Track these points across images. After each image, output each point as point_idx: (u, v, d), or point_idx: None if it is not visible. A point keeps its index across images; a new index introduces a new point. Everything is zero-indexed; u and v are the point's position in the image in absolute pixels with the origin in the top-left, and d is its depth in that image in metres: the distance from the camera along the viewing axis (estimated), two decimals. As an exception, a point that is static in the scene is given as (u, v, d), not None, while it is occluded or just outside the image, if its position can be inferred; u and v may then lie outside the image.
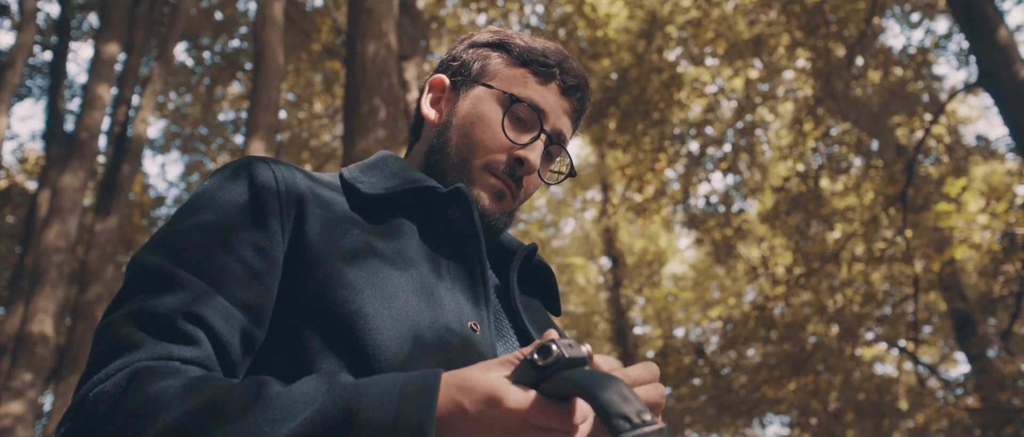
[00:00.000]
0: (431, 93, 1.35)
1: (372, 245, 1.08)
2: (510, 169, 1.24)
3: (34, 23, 11.49)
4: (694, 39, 12.83)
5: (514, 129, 1.26)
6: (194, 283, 0.96)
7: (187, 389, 0.85)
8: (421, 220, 1.18)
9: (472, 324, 1.06)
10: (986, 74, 8.13)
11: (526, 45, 1.31)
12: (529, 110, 1.26)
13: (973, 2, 8.29)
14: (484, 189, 1.24)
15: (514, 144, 1.25)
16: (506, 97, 1.26)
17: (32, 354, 8.87)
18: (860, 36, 11.54)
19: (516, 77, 1.29)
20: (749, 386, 11.76)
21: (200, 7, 15.81)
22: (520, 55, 1.30)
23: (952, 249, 8.28)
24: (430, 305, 1.04)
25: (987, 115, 18.94)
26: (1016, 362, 10.62)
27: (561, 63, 1.31)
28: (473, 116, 1.26)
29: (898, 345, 13.04)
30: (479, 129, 1.25)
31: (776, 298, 11.13)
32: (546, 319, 1.29)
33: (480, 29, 1.39)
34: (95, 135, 10.56)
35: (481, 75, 1.30)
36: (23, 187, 15.21)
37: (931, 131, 11.69)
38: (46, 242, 9.55)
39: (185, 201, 1.12)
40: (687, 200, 14.03)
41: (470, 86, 1.30)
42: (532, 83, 1.28)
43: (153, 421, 0.83)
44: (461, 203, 1.17)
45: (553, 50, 1.32)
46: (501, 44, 1.33)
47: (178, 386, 0.85)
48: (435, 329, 1.02)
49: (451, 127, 1.28)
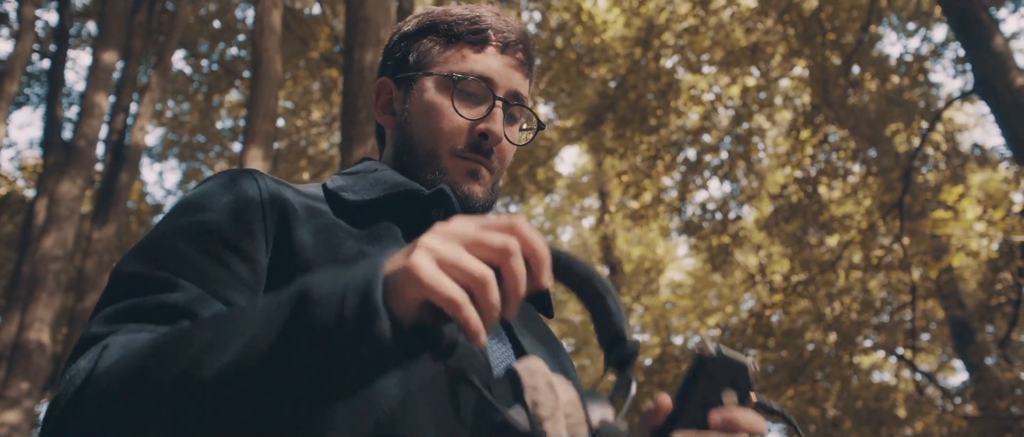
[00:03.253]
0: (380, 98, 1.35)
1: (363, 251, 1.08)
2: (476, 146, 1.24)
3: (32, 31, 11.50)
4: (691, 46, 12.85)
5: (467, 106, 1.25)
6: (181, 284, 0.95)
7: (161, 332, 0.85)
8: (406, 224, 1.18)
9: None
10: (982, 82, 8.16)
11: (453, 18, 1.29)
12: (476, 82, 1.25)
13: (969, 10, 8.32)
14: (458, 175, 1.23)
15: (472, 121, 1.24)
16: (448, 79, 1.25)
17: (28, 363, 8.85)
18: (857, 44, 11.56)
19: (453, 55, 1.28)
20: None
21: (198, 15, 15.84)
22: (449, 32, 1.29)
23: (949, 257, 8.28)
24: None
25: (984, 123, 18.95)
26: (1014, 370, 10.61)
27: (492, 23, 1.29)
28: (425, 108, 1.26)
29: (896, 353, 13.03)
30: (434, 119, 1.24)
31: (774, 305, 11.12)
32: (536, 319, 1.28)
33: (407, 18, 1.38)
34: (93, 143, 10.55)
35: (420, 65, 1.29)
36: (21, 195, 15.19)
37: (928, 139, 11.71)
38: (43, 250, 9.53)
39: (166, 211, 1.11)
40: (684, 207, 14.03)
41: (413, 80, 1.29)
42: (470, 55, 1.27)
43: (124, 358, 0.83)
44: (444, 204, 1.18)
45: (481, 13, 1.30)
46: (429, 27, 1.31)
47: (150, 333, 0.86)
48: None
49: (409, 125, 1.27)
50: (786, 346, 11.19)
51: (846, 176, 12.59)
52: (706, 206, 14.02)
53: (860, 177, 12.59)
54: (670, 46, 13.07)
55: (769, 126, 14.53)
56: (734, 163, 13.39)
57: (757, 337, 11.26)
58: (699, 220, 13.71)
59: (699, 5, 12.29)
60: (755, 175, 14.03)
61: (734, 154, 13.40)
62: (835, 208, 12.59)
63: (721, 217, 13.32)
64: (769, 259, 14.54)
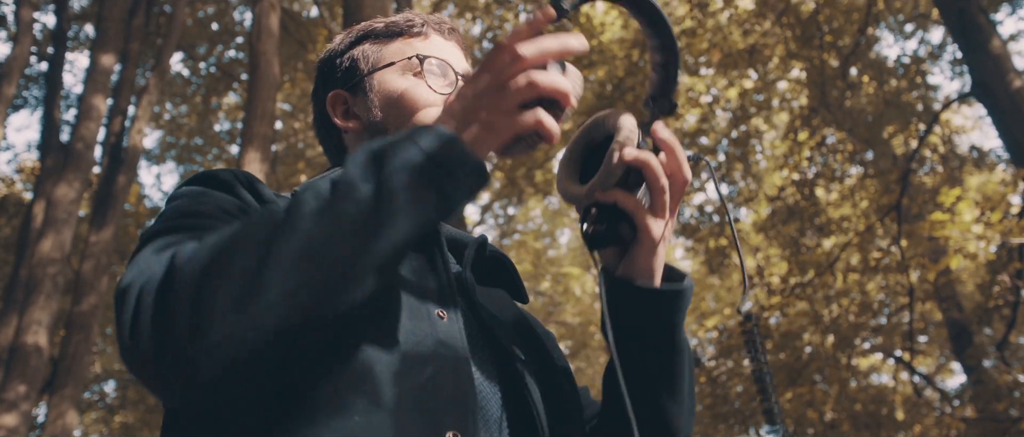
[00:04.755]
0: (337, 109, 1.32)
1: None
2: None
3: (30, 34, 11.50)
4: (689, 49, 12.86)
5: (437, 84, 1.26)
6: (215, 224, 0.96)
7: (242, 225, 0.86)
8: None
9: (439, 312, 1.04)
10: (980, 84, 8.17)
11: (386, 22, 1.32)
12: (437, 62, 1.27)
13: (966, 13, 8.33)
14: None
15: (446, 95, 1.24)
16: (413, 60, 1.26)
17: (26, 365, 8.84)
18: (854, 46, 11.58)
19: (399, 47, 1.29)
20: (745, 395, 11.74)
21: (196, 18, 15.83)
22: (387, 31, 1.31)
23: (947, 259, 8.29)
24: (395, 295, 1.01)
25: (981, 125, 18.99)
26: (1012, 372, 10.62)
27: (425, 18, 1.32)
28: (395, 95, 1.25)
29: (894, 355, 13.04)
30: (409, 100, 1.24)
31: (771, 308, 11.12)
32: (513, 306, 1.26)
33: (328, 44, 1.40)
34: (91, 145, 10.55)
35: (371, 66, 1.29)
36: (19, 197, 15.18)
37: (926, 141, 11.72)
38: (41, 253, 9.52)
39: (156, 215, 1.11)
40: (681, 209, 14.02)
41: (369, 80, 1.29)
42: (416, 43, 1.29)
43: (216, 245, 0.82)
44: None
45: (409, 13, 1.33)
46: (364, 36, 1.33)
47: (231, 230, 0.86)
48: (403, 316, 0.99)
49: (379, 118, 1.26)
50: (784, 348, 11.19)
51: (844, 178, 12.60)
52: (703, 208, 14.02)
53: (858, 179, 12.60)
54: (668, 48, 13.06)
55: (767, 128, 14.54)
56: (732, 165, 13.40)
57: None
58: (696, 222, 13.71)
59: (697, 7, 12.30)
60: (753, 177, 14.04)
61: (732, 156, 13.41)
62: (833, 210, 12.60)
63: (718, 219, 13.32)
64: (767, 261, 14.54)
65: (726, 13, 12.69)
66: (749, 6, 12.52)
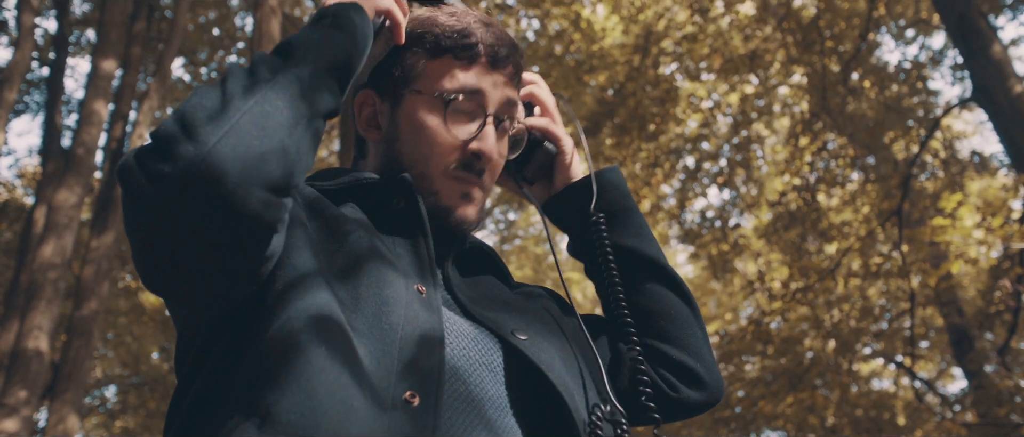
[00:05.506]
0: (363, 112, 1.32)
1: (324, 230, 1.10)
2: (468, 165, 1.23)
3: (32, 39, 11.50)
4: (690, 54, 12.86)
5: (458, 124, 1.23)
6: None
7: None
8: (369, 212, 1.19)
9: (418, 286, 1.06)
10: (980, 89, 8.17)
11: (441, 30, 1.25)
12: (467, 100, 1.23)
13: (966, 18, 8.33)
14: (452, 198, 1.23)
15: (464, 141, 1.23)
16: (439, 100, 1.23)
17: (27, 370, 8.83)
18: (855, 51, 11.58)
19: (441, 68, 1.25)
20: (746, 401, 11.73)
21: (197, 23, 15.85)
22: (437, 45, 1.25)
23: (948, 264, 8.28)
24: (378, 270, 1.05)
25: (982, 130, 18.97)
26: (1014, 377, 10.60)
27: (482, 37, 1.25)
28: (415, 128, 1.24)
29: (895, 360, 13.03)
30: (426, 140, 1.23)
31: (773, 313, 11.11)
32: (500, 287, 1.29)
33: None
34: (92, 151, 10.55)
35: (407, 80, 1.26)
36: (20, 202, 15.19)
37: (927, 146, 11.72)
38: (42, 258, 9.52)
39: None
40: (683, 215, 14.03)
41: (400, 95, 1.27)
42: (458, 70, 1.24)
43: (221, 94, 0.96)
44: (405, 192, 1.18)
45: (469, 24, 1.26)
46: (415, 38, 1.27)
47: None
48: (381, 286, 1.02)
49: (398, 142, 1.26)
50: (785, 353, 11.18)
51: (845, 183, 12.60)
52: (705, 214, 14.02)
53: (859, 184, 12.60)
54: (669, 53, 13.08)
55: (768, 134, 14.54)
56: (733, 171, 13.40)
57: (756, 344, 11.25)
58: (698, 228, 13.71)
59: (698, 12, 12.31)
60: (754, 183, 14.04)
61: (733, 162, 13.41)
62: (834, 215, 12.59)
63: (720, 225, 13.33)
64: (768, 266, 14.53)
65: (727, 18, 12.70)
66: (750, 11, 12.53)
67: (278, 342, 0.91)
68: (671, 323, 1.31)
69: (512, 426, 1.01)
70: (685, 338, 1.30)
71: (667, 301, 1.32)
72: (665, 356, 1.29)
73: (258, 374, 0.90)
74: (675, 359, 1.29)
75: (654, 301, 1.32)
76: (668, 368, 1.29)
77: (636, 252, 1.35)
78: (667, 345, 1.29)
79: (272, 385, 0.88)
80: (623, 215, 1.39)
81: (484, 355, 1.07)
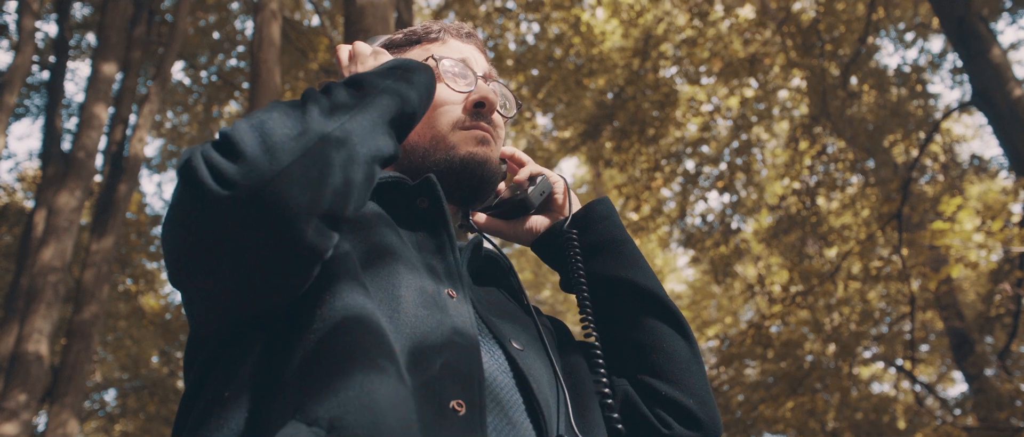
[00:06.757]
0: None
1: (352, 231, 1.10)
2: (476, 114, 1.31)
3: (32, 43, 11.51)
4: (689, 58, 12.88)
5: (454, 80, 1.33)
6: None
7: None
8: (393, 212, 1.20)
9: (449, 291, 1.08)
10: (980, 93, 8.17)
11: (404, 32, 1.42)
12: (455, 62, 1.34)
13: (966, 21, 8.34)
14: (469, 145, 1.29)
15: (464, 93, 1.32)
16: (429, 61, 1.33)
17: (27, 374, 8.83)
18: (855, 55, 11.59)
19: (418, 53, 1.38)
20: (746, 405, 11.72)
21: (197, 26, 15.86)
22: (406, 40, 1.41)
23: (948, 268, 8.28)
24: (409, 272, 1.06)
25: (982, 134, 19.01)
26: (1014, 381, 10.60)
27: (444, 25, 1.40)
28: None
29: (895, 364, 13.02)
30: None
31: (773, 316, 11.11)
32: (508, 301, 1.30)
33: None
34: (92, 154, 10.55)
35: None
36: (20, 206, 15.19)
37: (926, 150, 11.72)
38: (42, 261, 9.52)
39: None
40: (684, 219, 14.03)
41: None
42: (436, 48, 1.38)
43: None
44: (429, 192, 1.19)
45: (429, 22, 1.42)
46: (387, 46, 1.42)
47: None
48: (415, 291, 1.04)
49: None
50: (785, 357, 11.18)
51: (845, 187, 12.61)
52: (705, 217, 14.02)
53: (859, 188, 12.61)
54: (669, 57, 13.10)
55: (768, 137, 14.55)
56: (733, 174, 13.41)
57: (756, 348, 11.24)
58: (699, 232, 13.71)
59: (697, 16, 12.33)
60: (754, 186, 14.05)
61: (733, 165, 13.42)
62: (834, 219, 12.60)
63: (720, 228, 13.32)
64: (768, 270, 14.53)
65: (727, 22, 12.71)
66: (750, 15, 12.55)
67: (324, 347, 0.90)
68: (664, 357, 1.28)
69: (531, 430, 1.03)
70: (678, 373, 1.27)
71: (660, 334, 1.29)
72: (657, 393, 1.26)
73: (308, 379, 0.88)
74: (667, 396, 1.26)
75: (647, 334, 1.29)
76: (661, 405, 1.26)
77: (629, 283, 1.32)
78: (659, 381, 1.27)
79: (328, 393, 0.86)
80: (616, 246, 1.37)
81: (497, 360, 1.09)
